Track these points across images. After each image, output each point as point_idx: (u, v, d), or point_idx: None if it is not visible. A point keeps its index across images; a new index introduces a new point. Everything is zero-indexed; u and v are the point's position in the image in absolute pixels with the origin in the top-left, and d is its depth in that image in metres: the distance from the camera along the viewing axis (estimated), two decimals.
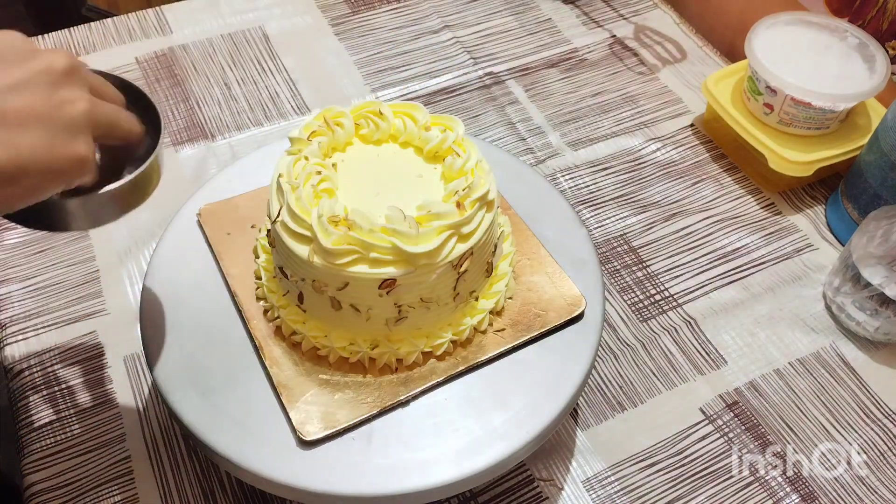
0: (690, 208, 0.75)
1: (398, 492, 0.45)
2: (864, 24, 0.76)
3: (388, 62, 0.88)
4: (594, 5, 0.96)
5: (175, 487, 0.56)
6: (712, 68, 0.87)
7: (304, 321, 0.51)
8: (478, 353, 0.51)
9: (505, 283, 0.53)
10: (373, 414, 0.48)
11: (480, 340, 0.52)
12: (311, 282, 0.48)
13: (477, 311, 0.52)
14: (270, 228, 0.50)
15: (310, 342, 0.50)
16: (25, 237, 0.70)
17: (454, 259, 0.47)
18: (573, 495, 0.57)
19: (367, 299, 0.47)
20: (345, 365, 0.50)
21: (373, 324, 0.49)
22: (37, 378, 0.61)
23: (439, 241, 0.46)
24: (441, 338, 0.50)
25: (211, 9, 0.93)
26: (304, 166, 0.49)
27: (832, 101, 0.70)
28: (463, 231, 0.47)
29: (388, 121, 0.53)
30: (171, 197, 0.72)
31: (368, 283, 0.46)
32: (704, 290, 0.69)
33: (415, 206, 0.47)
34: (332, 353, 0.50)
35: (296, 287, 0.49)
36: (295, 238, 0.47)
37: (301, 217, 0.46)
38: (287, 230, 0.47)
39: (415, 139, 0.53)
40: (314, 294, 0.48)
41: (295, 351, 0.51)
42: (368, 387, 0.49)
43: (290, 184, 0.48)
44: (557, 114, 0.83)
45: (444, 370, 0.50)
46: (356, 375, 0.50)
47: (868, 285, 0.62)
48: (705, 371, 0.63)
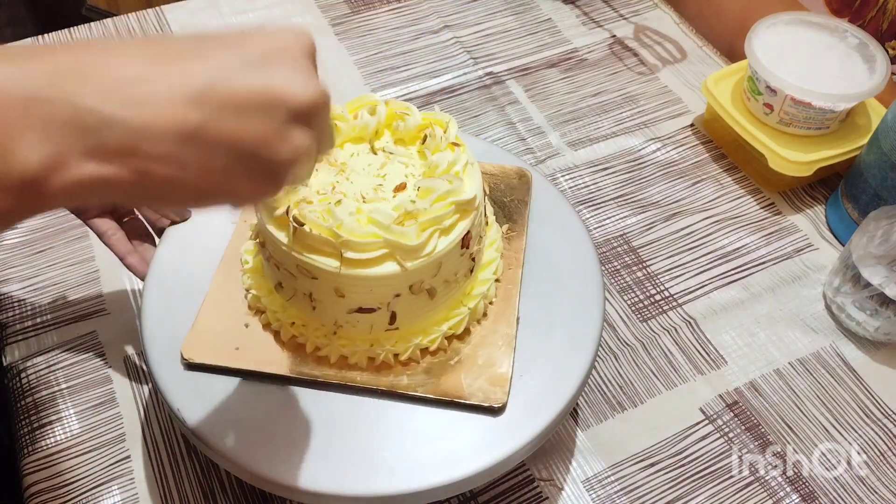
0: (690, 208, 0.75)
1: (398, 492, 0.45)
2: (864, 24, 0.76)
3: (388, 62, 0.88)
4: (594, 5, 0.96)
5: (175, 487, 0.56)
6: (712, 68, 0.87)
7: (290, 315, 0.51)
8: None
9: (490, 275, 0.53)
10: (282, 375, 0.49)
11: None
12: (332, 287, 0.48)
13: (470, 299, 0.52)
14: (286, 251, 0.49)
15: (313, 344, 0.50)
16: (25, 237, 0.70)
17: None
18: (573, 495, 0.57)
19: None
20: (344, 364, 0.50)
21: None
22: (37, 378, 0.61)
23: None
24: (434, 333, 0.50)
25: (211, 9, 0.93)
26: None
27: (832, 101, 0.70)
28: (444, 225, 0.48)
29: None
30: None
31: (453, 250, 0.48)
32: (704, 290, 0.69)
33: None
34: (330, 350, 0.50)
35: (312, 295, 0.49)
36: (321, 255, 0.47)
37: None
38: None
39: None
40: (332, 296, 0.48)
41: (298, 351, 0.51)
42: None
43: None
44: (557, 114, 0.83)
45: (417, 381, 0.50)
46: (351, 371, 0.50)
47: (868, 285, 0.62)
48: (705, 371, 0.63)
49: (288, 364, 0.50)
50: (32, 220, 0.71)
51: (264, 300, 0.51)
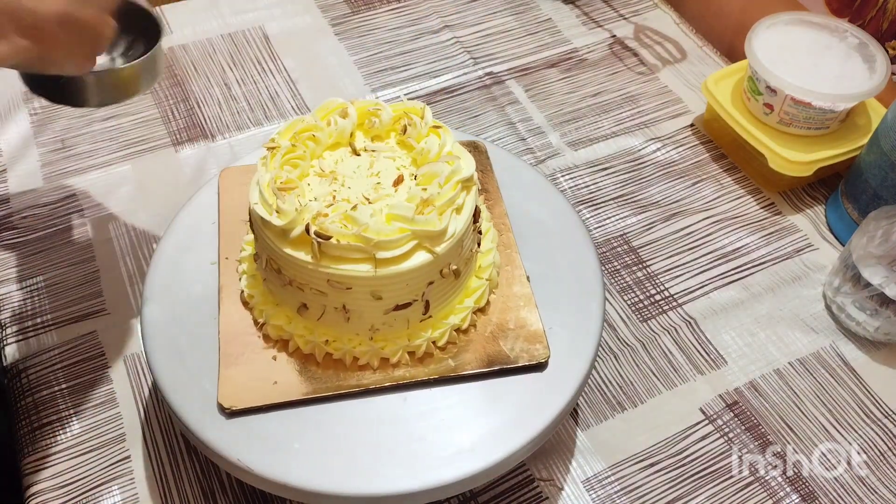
0: (690, 208, 0.75)
1: (398, 492, 0.45)
2: (864, 24, 0.76)
3: (388, 62, 0.88)
4: (594, 5, 0.96)
5: (175, 487, 0.56)
6: (712, 68, 0.87)
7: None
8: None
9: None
10: (318, 397, 0.49)
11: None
12: (369, 291, 0.48)
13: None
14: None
15: (351, 355, 0.50)
16: (26, 237, 0.70)
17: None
18: (573, 495, 0.57)
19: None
20: (342, 363, 0.50)
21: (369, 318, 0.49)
22: (37, 378, 0.61)
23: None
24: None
25: (211, 9, 0.93)
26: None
27: (832, 101, 0.70)
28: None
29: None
30: (170, 197, 0.72)
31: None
32: (704, 290, 0.69)
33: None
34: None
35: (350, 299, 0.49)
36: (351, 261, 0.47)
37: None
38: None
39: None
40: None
41: (337, 367, 0.51)
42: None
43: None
44: (557, 114, 0.83)
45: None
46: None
47: (868, 285, 0.62)
48: (705, 371, 0.63)
49: (330, 382, 0.49)
50: (33, 220, 0.71)
51: (287, 327, 0.50)
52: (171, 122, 0.80)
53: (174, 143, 0.78)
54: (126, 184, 0.75)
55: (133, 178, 0.75)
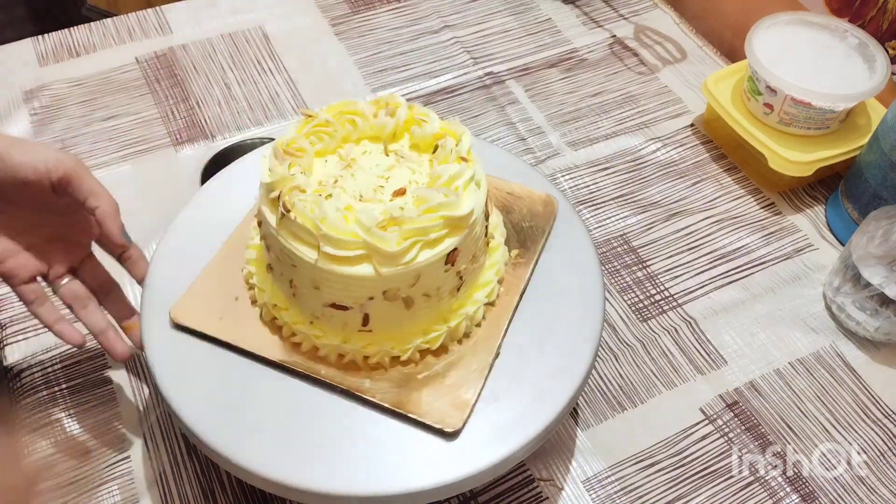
0: (690, 208, 0.75)
1: (398, 492, 0.45)
2: (864, 24, 0.76)
3: (388, 62, 0.88)
4: (594, 5, 0.96)
5: (175, 487, 0.56)
6: (712, 68, 0.87)
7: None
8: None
9: (494, 271, 0.53)
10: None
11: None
12: (310, 277, 0.48)
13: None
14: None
15: (290, 329, 0.51)
16: None
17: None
18: (573, 495, 0.57)
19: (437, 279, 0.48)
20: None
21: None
22: (37, 378, 0.61)
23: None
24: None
25: (211, 9, 0.93)
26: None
27: (832, 101, 0.70)
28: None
29: (366, 119, 0.53)
30: (171, 197, 0.72)
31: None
32: (704, 290, 0.69)
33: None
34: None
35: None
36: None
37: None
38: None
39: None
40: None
41: (275, 333, 0.51)
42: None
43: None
44: (557, 114, 0.83)
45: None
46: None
47: (868, 285, 0.62)
48: (705, 371, 0.63)
49: (262, 344, 0.50)
50: None
51: (256, 277, 0.52)
52: (171, 122, 0.80)
53: (174, 143, 0.78)
54: (126, 184, 0.75)
55: (133, 178, 0.75)
